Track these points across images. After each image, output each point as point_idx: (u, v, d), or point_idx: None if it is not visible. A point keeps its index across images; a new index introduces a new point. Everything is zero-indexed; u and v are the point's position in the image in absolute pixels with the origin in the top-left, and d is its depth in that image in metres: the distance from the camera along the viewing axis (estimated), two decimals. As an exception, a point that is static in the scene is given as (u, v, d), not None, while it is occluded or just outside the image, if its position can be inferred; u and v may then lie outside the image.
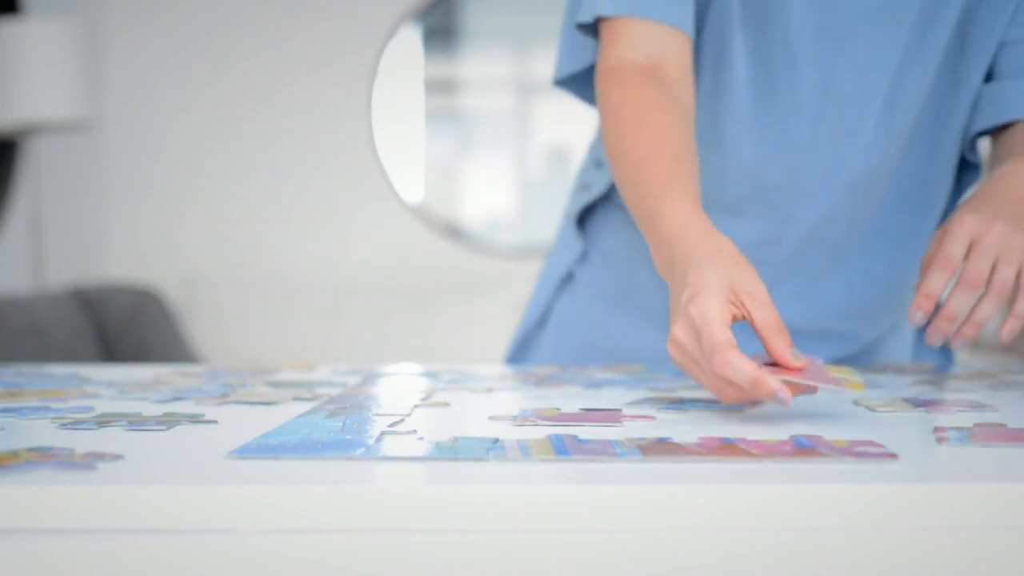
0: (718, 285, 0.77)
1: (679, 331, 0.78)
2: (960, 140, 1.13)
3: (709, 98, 1.09)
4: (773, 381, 0.72)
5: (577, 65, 1.10)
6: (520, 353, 1.29)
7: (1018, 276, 0.89)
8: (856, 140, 1.07)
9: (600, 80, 1.01)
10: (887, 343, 1.24)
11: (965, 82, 1.10)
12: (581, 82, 1.13)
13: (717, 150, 1.09)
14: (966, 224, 0.90)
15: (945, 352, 1.26)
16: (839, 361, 1.22)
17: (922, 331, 1.26)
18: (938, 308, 0.92)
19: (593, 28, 1.05)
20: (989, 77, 1.11)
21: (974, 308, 0.90)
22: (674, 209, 0.86)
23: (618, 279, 1.22)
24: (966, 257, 0.90)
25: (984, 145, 1.17)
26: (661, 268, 0.87)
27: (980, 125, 1.10)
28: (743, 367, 0.73)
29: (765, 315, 0.78)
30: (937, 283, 0.90)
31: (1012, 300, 0.90)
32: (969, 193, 1.18)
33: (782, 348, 0.77)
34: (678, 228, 0.84)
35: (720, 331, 0.75)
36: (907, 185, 1.13)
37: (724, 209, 1.11)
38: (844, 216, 1.11)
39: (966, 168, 1.18)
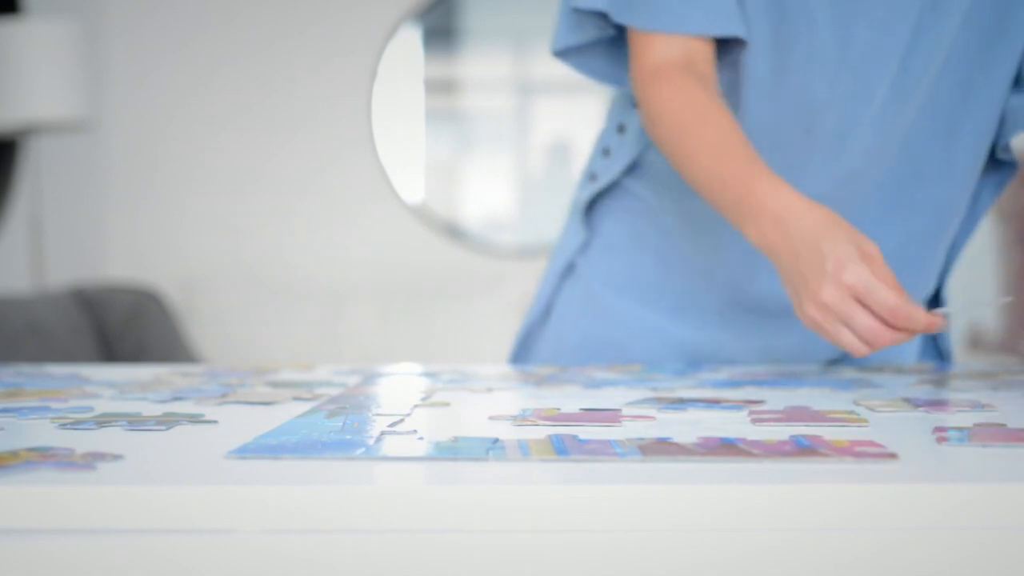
0: (857, 254, 0.89)
1: (829, 295, 0.89)
2: (993, 126, 1.14)
3: (725, 65, 1.11)
4: (935, 317, 0.89)
5: (576, 40, 1.15)
6: (524, 348, 1.30)
7: None
8: (871, 100, 1.09)
9: (644, 82, 1.08)
10: (892, 348, 1.24)
11: (998, 65, 1.11)
12: (579, 54, 1.17)
13: (734, 111, 1.10)
14: None
15: (942, 354, 1.27)
16: (843, 353, 1.21)
17: (927, 337, 1.27)
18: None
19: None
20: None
21: None
22: (774, 188, 0.96)
23: (620, 265, 1.22)
24: None
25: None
26: (766, 241, 0.96)
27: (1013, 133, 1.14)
28: (920, 315, 0.88)
29: (885, 273, 0.90)
30: None
31: None
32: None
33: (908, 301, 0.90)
34: (786, 204, 0.95)
35: (889, 292, 0.88)
36: (921, 158, 1.13)
37: None
38: (856, 182, 1.12)
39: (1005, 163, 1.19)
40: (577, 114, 3.89)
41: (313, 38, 3.74)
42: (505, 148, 4.00)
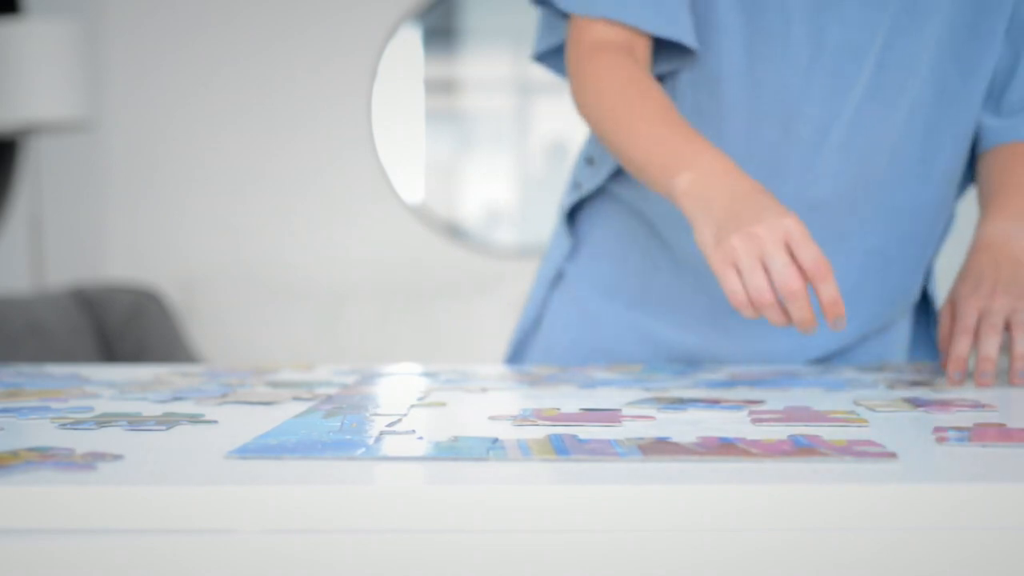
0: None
1: (763, 229, 0.90)
2: (971, 131, 1.16)
3: (699, 62, 1.12)
4: (839, 301, 0.90)
5: (553, 42, 1.18)
6: (517, 356, 1.30)
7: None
8: (849, 96, 1.10)
9: (581, 58, 1.10)
10: (884, 344, 1.24)
11: (974, 70, 1.13)
12: (556, 58, 1.21)
13: (713, 113, 1.12)
14: (971, 302, 1.01)
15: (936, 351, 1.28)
16: (839, 349, 1.21)
17: (918, 336, 1.28)
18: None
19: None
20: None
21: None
22: (718, 151, 0.99)
23: (607, 269, 1.23)
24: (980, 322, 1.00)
25: None
26: (699, 186, 0.96)
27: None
28: (834, 284, 0.90)
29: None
30: (965, 347, 0.99)
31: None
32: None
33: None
34: (732, 164, 0.98)
35: (818, 249, 0.90)
36: (906, 161, 1.14)
37: None
38: (841, 183, 1.13)
39: None
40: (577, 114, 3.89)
41: (313, 38, 3.74)
42: (505, 148, 4.00)
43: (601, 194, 1.24)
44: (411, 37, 3.83)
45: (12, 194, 3.22)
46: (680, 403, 0.83)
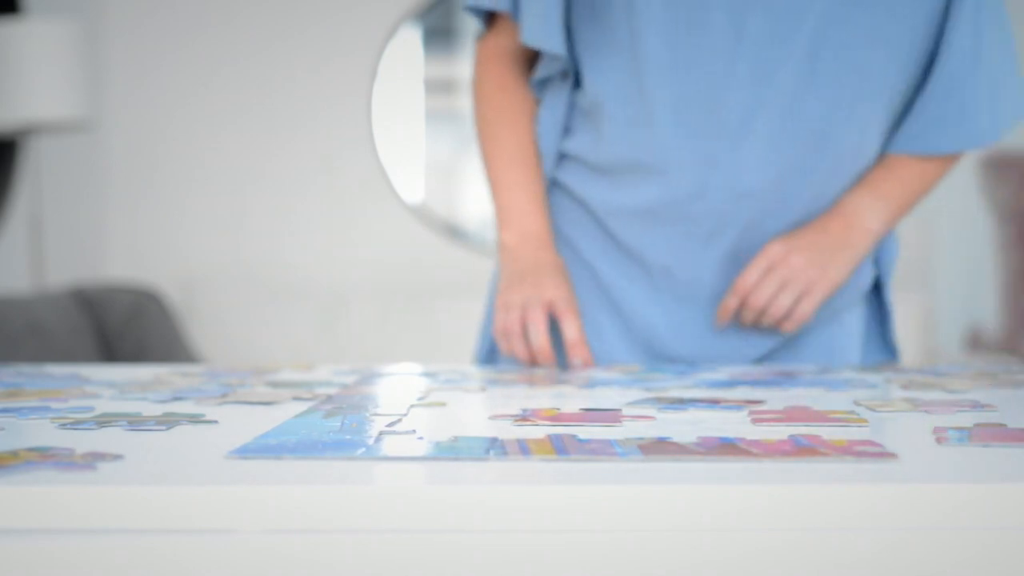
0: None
1: (531, 292, 1.14)
2: (893, 114, 1.17)
3: (627, 48, 1.13)
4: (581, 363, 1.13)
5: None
6: (491, 356, 1.30)
7: (797, 303, 1.14)
8: (775, 82, 1.11)
9: (480, 58, 1.27)
10: (833, 337, 1.23)
11: (907, 62, 1.14)
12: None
13: (640, 97, 1.13)
14: (769, 252, 1.14)
15: (889, 350, 1.28)
16: (781, 343, 1.21)
17: (871, 330, 1.29)
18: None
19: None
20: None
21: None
22: (541, 216, 1.22)
23: (574, 263, 1.23)
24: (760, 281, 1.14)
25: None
26: (512, 244, 1.21)
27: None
28: (581, 355, 1.13)
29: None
30: (732, 305, 1.15)
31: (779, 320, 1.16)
32: None
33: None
34: (538, 234, 1.20)
35: (579, 327, 1.14)
36: (839, 153, 1.14)
37: (650, 168, 1.15)
38: (771, 173, 1.13)
39: None
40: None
41: (313, 38, 3.74)
42: (505, 148, 4.00)
43: (553, 186, 1.26)
44: (411, 37, 3.83)
45: (12, 194, 3.22)
46: (680, 403, 0.83)
